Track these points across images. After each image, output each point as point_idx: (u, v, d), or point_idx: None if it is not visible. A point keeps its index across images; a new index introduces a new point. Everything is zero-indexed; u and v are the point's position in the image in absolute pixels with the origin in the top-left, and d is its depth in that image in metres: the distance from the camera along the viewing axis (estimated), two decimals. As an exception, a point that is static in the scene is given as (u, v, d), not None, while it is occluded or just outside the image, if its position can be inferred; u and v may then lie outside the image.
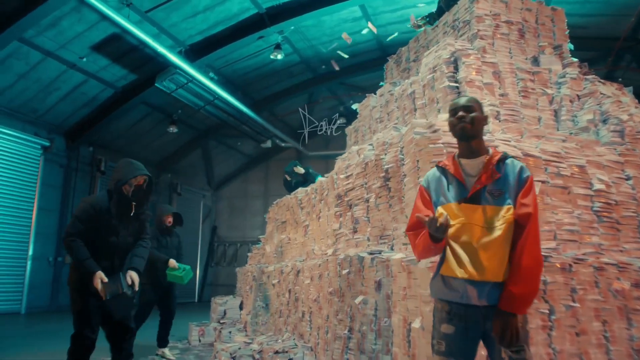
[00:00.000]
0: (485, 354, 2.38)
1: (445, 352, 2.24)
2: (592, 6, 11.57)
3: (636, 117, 4.76)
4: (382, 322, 3.59)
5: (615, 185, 4.09)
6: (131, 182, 3.81)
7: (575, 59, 5.62)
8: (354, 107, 7.58)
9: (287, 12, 11.61)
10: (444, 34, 5.95)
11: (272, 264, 7.35)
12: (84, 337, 3.77)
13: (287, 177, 8.62)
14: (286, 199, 7.48)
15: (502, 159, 2.32)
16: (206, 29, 11.82)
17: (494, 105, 4.57)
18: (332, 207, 5.43)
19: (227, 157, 19.76)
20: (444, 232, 2.15)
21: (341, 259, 4.44)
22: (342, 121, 14.64)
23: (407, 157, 4.04)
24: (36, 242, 12.35)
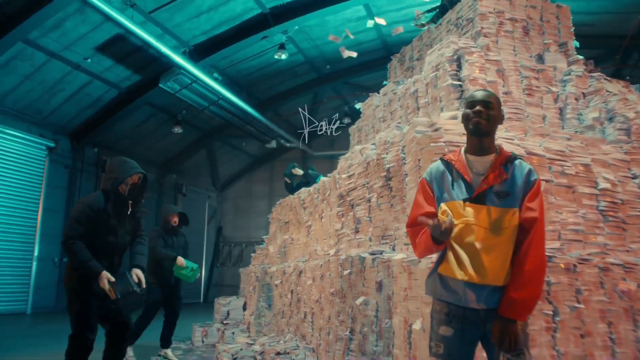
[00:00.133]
0: (484, 355, 2.32)
1: (443, 354, 2.19)
2: (598, 4, 11.45)
3: (643, 115, 4.68)
4: (383, 323, 3.54)
5: (621, 184, 4.02)
6: (127, 181, 3.81)
7: (580, 57, 5.55)
8: (358, 106, 7.54)
9: (291, 12, 11.57)
10: (448, 32, 5.90)
11: (275, 264, 7.31)
12: (84, 337, 3.75)
13: (287, 180, 8.58)
14: (289, 199, 7.45)
15: (511, 159, 2.24)
16: (210, 29, 11.80)
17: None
18: (334, 207, 5.39)
19: (231, 157, 19.76)
20: (448, 236, 2.09)
21: (342, 259, 4.40)
22: (347, 121, 14.60)
23: (408, 156, 3.99)
24: (41, 242, 12.38)
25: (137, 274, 3.87)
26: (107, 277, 3.64)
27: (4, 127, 11.51)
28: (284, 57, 12.69)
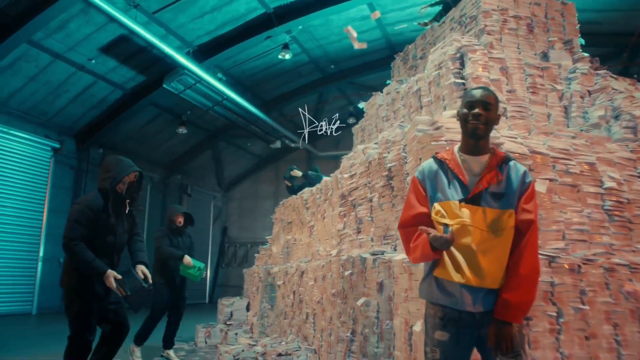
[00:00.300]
0: (479, 359, 2.27)
1: (439, 359, 2.15)
2: (605, 1, 11.32)
3: (649, 113, 4.60)
4: (384, 324, 3.49)
5: (627, 183, 3.94)
6: (124, 180, 3.81)
7: (586, 54, 5.47)
8: (361, 105, 7.49)
9: (295, 12, 11.54)
10: (451, 30, 5.84)
11: (278, 265, 7.28)
12: (84, 338, 3.74)
13: (288, 183, 8.54)
14: (292, 200, 7.42)
15: (506, 160, 2.21)
16: (214, 30, 11.79)
17: (500, 101, 4.44)
18: (336, 207, 5.34)
19: (237, 157, 19.76)
20: (449, 246, 2.05)
21: (344, 259, 4.35)
22: (352, 120, 14.55)
23: (409, 155, 3.94)
24: (47, 243, 12.43)
25: (142, 270, 3.90)
26: (113, 275, 3.65)
27: (9, 129, 11.56)
28: (287, 57, 12.67)
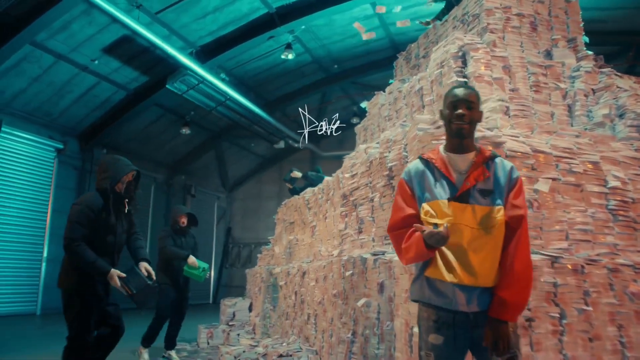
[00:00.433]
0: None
1: None
2: (610, -1, 11.25)
3: (655, 111, 4.54)
4: (385, 325, 3.45)
5: (631, 182, 3.89)
6: (123, 179, 3.79)
7: (590, 52, 5.41)
8: (363, 105, 7.46)
9: (298, 12, 11.51)
10: (454, 28, 5.80)
11: (281, 265, 7.25)
12: (83, 340, 3.73)
13: (289, 185, 8.52)
14: (294, 200, 7.39)
15: (492, 157, 2.21)
16: (216, 30, 11.78)
17: (503, 100, 4.40)
18: (337, 207, 5.30)
19: (240, 158, 19.74)
20: (445, 242, 2.01)
21: (345, 260, 4.31)
22: (356, 120, 14.48)
23: (410, 154, 3.90)
24: (51, 243, 12.42)
25: (146, 267, 3.89)
26: (117, 274, 3.65)
27: (13, 129, 11.57)
28: (290, 57, 12.64)
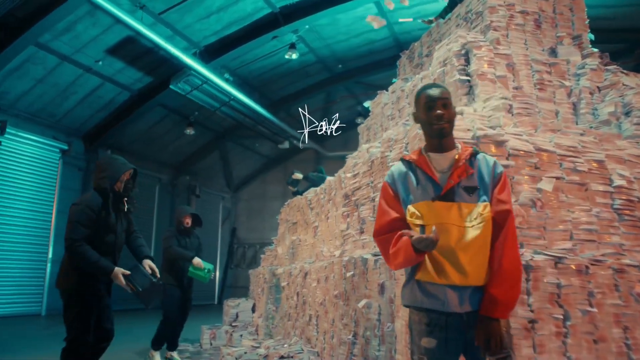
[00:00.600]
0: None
1: None
2: (616, -4, 11.14)
3: (662, 109, 4.46)
4: (386, 327, 3.40)
5: (637, 181, 3.81)
6: (122, 178, 3.78)
7: (595, 49, 5.33)
8: (366, 104, 7.41)
9: (301, 11, 11.49)
10: (457, 26, 5.74)
11: (284, 266, 7.21)
12: (84, 340, 3.72)
13: (292, 188, 8.49)
14: (297, 200, 7.36)
15: (473, 154, 2.18)
16: (220, 30, 11.77)
17: (506, 98, 4.34)
18: (339, 207, 5.26)
19: (245, 158, 19.73)
20: (434, 247, 1.96)
21: (346, 260, 4.27)
22: (360, 120, 14.42)
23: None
24: (56, 244, 12.46)
25: (149, 264, 3.88)
26: (122, 272, 3.63)
27: (18, 131, 11.62)
28: (294, 56, 12.61)
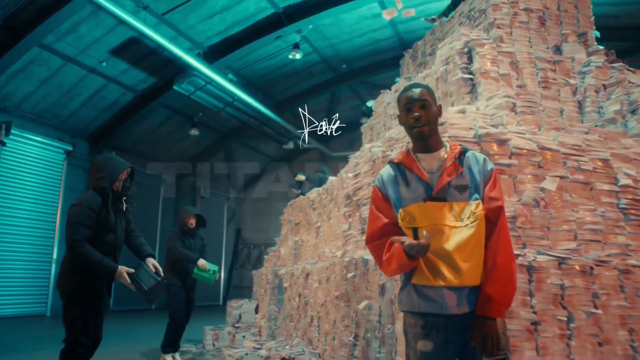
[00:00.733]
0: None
1: None
2: (622, -7, 11.03)
3: (668, 107, 4.38)
4: (386, 329, 3.35)
5: (643, 180, 3.75)
6: (120, 177, 3.75)
7: (601, 47, 5.26)
8: (369, 104, 7.37)
9: (305, 11, 11.44)
10: (460, 24, 5.68)
11: (286, 266, 7.17)
12: (84, 342, 3.68)
13: (295, 191, 8.46)
14: (299, 201, 7.32)
15: (463, 152, 2.13)
16: (224, 30, 11.75)
17: (509, 97, 4.28)
18: (341, 208, 5.21)
19: (249, 159, 19.70)
20: (426, 253, 1.92)
21: (347, 261, 4.22)
22: (365, 120, 14.36)
23: (413, 152, 3.80)
24: (60, 245, 12.46)
25: (152, 263, 3.85)
26: (126, 271, 3.61)
27: (22, 132, 11.63)
28: (298, 56, 12.57)
